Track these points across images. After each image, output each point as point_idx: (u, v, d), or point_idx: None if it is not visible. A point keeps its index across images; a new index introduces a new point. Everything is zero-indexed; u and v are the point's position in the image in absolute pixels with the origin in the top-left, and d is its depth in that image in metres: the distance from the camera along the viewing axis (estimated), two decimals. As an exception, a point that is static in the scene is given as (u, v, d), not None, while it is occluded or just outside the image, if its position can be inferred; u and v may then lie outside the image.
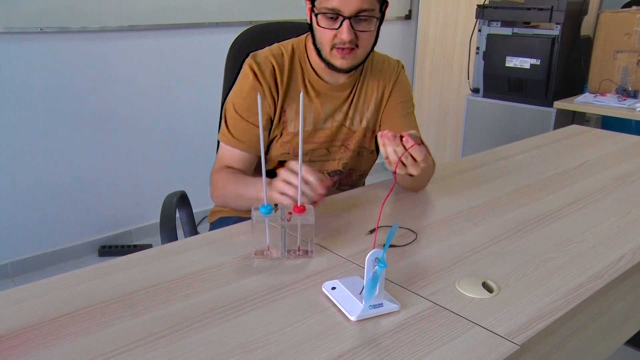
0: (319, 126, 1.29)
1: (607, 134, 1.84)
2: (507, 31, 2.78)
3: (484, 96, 2.95)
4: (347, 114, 1.30)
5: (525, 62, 2.73)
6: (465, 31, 3.29)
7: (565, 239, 1.04)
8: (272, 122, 1.26)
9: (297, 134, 1.27)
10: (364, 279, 0.78)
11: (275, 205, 0.93)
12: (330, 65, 1.20)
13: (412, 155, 0.97)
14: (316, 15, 1.15)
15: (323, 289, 0.85)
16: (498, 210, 1.17)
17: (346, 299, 0.81)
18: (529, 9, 2.67)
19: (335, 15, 1.12)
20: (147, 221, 2.79)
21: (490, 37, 2.83)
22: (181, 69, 2.68)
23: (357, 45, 1.16)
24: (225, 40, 1.50)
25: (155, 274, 0.90)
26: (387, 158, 0.99)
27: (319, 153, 1.32)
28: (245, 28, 1.53)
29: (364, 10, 1.11)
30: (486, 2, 2.84)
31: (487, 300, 0.82)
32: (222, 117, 1.29)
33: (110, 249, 2.66)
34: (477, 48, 2.93)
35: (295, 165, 0.96)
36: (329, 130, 1.30)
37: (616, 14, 2.65)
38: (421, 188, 1.28)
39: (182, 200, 1.39)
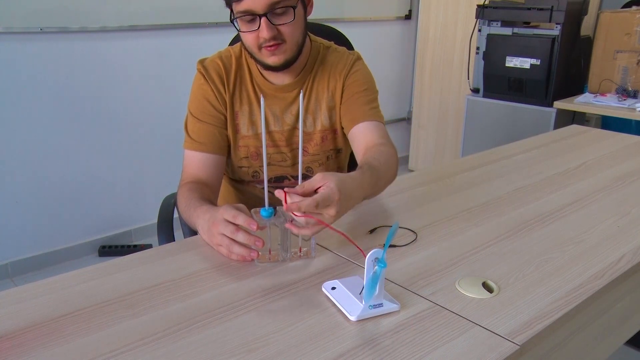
0: (269, 128, 1.27)
1: (607, 134, 1.84)
2: (507, 31, 2.78)
3: (484, 96, 2.95)
4: (298, 116, 1.27)
5: (525, 62, 2.73)
6: (465, 31, 3.29)
7: (565, 239, 1.04)
8: (227, 122, 1.25)
9: (251, 136, 1.26)
10: (364, 279, 0.78)
11: (275, 208, 0.93)
12: (265, 66, 1.18)
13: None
14: (236, 21, 1.12)
15: (323, 289, 0.85)
16: (498, 210, 1.17)
17: (346, 299, 0.81)
18: (529, 9, 2.67)
19: (251, 16, 1.09)
20: (147, 221, 2.79)
21: (490, 37, 2.83)
22: (181, 69, 2.68)
23: (283, 40, 1.13)
24: (225, 40, 1.50)
25: (155, 274, 0.90)
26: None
27: (277, 158, 1.30)
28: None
29: (277, 3, 1.08)
30: (486, 2, 2.84)
31: (487, 300, 0.82)
32: (184, 127, 1.27)
33: (110, 249, 2.66)
34: (477, 48, 2.92)
35: (233, 210, 0.92)
36: (280, 133, 1.28)
37: (616, 14, 2.65)
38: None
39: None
